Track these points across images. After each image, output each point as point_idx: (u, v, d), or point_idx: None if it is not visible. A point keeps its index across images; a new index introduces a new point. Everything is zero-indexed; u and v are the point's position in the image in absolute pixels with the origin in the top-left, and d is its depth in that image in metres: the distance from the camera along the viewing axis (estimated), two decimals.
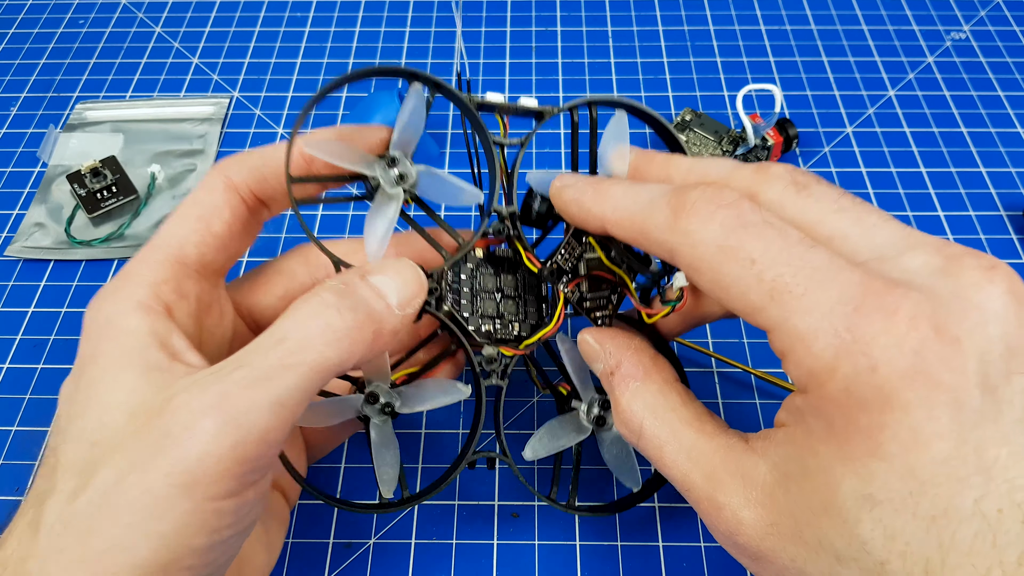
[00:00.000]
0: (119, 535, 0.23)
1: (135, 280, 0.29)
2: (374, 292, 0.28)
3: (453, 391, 0.33)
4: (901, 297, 0.21)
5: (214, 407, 0.24)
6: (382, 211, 0.31)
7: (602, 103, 0.33)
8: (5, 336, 0.46)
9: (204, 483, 0.24)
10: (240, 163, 0.31)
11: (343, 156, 0.30)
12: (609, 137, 0.33)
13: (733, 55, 0.61)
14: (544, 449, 0.33)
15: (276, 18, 0.65)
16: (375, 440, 0.33)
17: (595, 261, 0.33)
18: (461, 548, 0.37)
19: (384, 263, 0.29)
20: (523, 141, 0.33)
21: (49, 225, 0.51)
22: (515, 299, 0.35)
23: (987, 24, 0.62)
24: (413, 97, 0.31)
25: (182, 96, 0.59)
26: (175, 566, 0.24)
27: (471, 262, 0.34)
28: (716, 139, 0.53)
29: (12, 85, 0.60)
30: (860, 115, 0.56)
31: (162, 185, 0.53)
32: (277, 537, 0.34)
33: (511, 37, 0.63)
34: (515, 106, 0.32)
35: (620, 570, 0.37)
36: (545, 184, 0.33)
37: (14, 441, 0.41)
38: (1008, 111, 0.56)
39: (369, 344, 0.27)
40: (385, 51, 0.62)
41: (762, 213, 0.24)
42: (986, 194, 0.51)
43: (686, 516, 0.38)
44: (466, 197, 0.32)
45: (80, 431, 0.26)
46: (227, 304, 0.33)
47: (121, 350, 0.27)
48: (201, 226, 0.30)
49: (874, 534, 0.20)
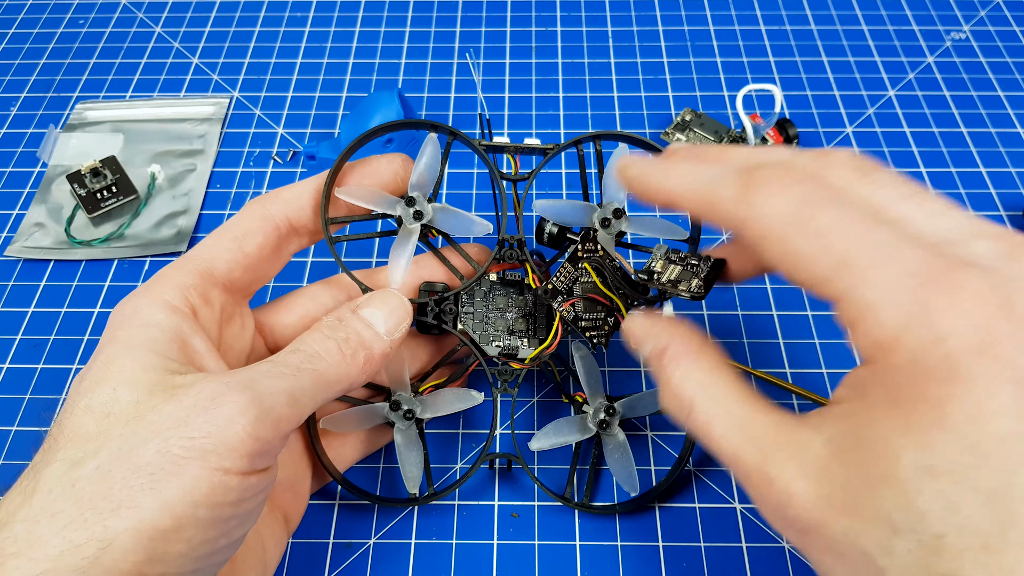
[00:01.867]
0: (127, 496, 0.24)
1: (165, 282, 0.31)
2: (363, 323, 0.32)
3: (468, 398, 0.37)
4: (967, 274, 0.21)
5: (242, 385, 0.26)
6: (403, 244, 0.36)
7: (605, 137, 0.37)
8: (5, 336, 0.46)
9: (221, 452, 0.25)
10: (276, 196, 0.35)
11: (370, 199, 0.36)
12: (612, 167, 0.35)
13: (733, 55, 0.61)
14: (548, 442, 0.37)
15: (276, 18, 0.65)
16: (400, 442, 0.37)
17: (590, 285, 0.36)
18: (461, 548, 0.37)
19: (372, 296, 0.34)
20: (529, 176, 0.37)
21: (49, 225, 0.51)
22: (526, 318, 0.38)
23: (987, 24, 0.62)
24: (430, 145, 0.36)
25: (182, 96, 0.59)
26: (175, 535, 0.24)
27: (485, 285, 0.39)
28: (716, 139, 0.53)
29: (12, 85, 0.60)
30: (860, 115, 0.56)
31: (162, 185, 0.53)
32: (272, 557, 0.34)
33: (511, 37, 0.63)
34: (520, 146, 0.37)
35: (620, 570, 0.37)
36: (551, 211, 0.37)
37: (14, 441, 0.41)
38: (1008, 111, 0.56)
39: (361, 367, 0.31)
40: (385, 51, 0.62)
41: (831, 190, 0.24)
42: (986, 194, 0.51)
43: (686, 516, 0.38)
44: (477, 228, 0.36)
45: (90, 404, 0.26)
46: (249, 320, 0.35)
47: (143, 337, 0.28)
48: (234, 245, 0.34)
49: (933, 506, 0.20)
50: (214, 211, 0.52)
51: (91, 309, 0.47)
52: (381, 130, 0.37)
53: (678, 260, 0.34)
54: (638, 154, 0.35)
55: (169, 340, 0.28)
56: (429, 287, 0.37)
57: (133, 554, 0.23)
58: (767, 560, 0.37)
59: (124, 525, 0.23)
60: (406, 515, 0.39)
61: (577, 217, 0.37)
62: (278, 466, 0.29)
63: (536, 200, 0.36)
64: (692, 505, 0.39)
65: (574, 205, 0.37)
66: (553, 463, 0.40)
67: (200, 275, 0.32)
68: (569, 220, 0.37)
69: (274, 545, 0.34)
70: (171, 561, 0.24)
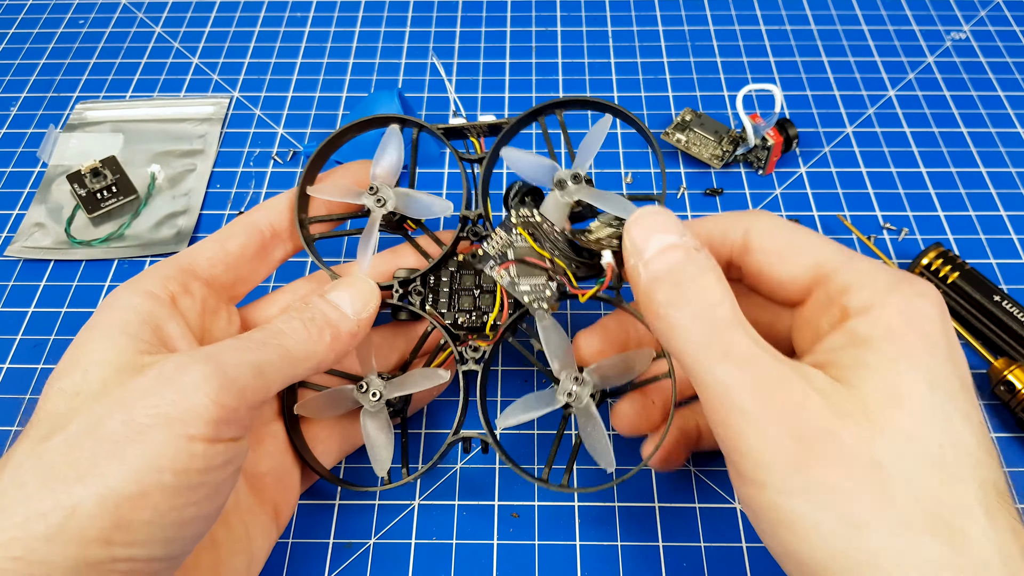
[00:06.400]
0: (92, 464, 0.24)
1: (147, 274, 0.33)
2: (329, 305, 0.33)
3: (434, 376, 0.36)
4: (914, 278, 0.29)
5: (206, 356, 0.28)
6: (369, 231, 0.37)
7: (566, 106, 0.38)
8: (5, 336, 0.46)
9: (185, 419, 0.26)
10: (259, 206, 0.38)
11: (337, 192, 0.38)
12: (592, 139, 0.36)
13: (733, 55, 0.61)
14: (515, 419, 0.35)
15: (276, 18, 0.65)
16: (368, 425, 0.36)
17: (524, 249, 0.35)
18: (461, 548, 0.37)
19: (339, 281, 0.35)
20: (488, 154, 0.38)
21: (49, 225, 0.51)
22: (492, 293, 0.38)
23: (987, 24, 0.62)
24: (393, 137, 0.38)
25: (182, 96, 0.59)
26: (142, 502, 0.24)
27: (452, 266, 0.38)
28: (716, 139, 0.53)
29: (12, 85, 0.60)
30: (860, 115, 0.56)
31: (162, 185, 0.53)
32: (260, 548, 0.34)
33: (511, 37, 0.63)
34: (474, 124, 0.38)
35: (620, 570, 0.37)
36: (515, 161, 0.36)
37: (14, 441, 0.41)
38: (1008, 111, 0.56)
39: (328, 345, 0.32)
40: (385, 51, 0.62)
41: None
42: (986, 194, 0.51)
43: (686, 516, 0.38)
44: (437, 208, 0.37)
45: (62, 386, 0.27)
46: (235, 316, 0.37)
47: (116, 321, 0.29)
48: (216, 244, 0.36)
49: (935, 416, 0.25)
50: (214, 211, 0.52)
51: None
52: (354, 129, 0.39)
53: (616, 224, 0.34)
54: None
55: (142, 323, 0.30)
56: (407, 273, 0.38)
57: (99, 520, 0.24)
58: (767, 560, 0.37)
59: (89, 492, 0.24)
60: (406, 515, 0.39)
61: (537, 173, 0.36)
62: (247, 444, 0.30)
63: (505, 148, 0.36)
64: (692, 505, 0.39)
65: (538, 160, 0.36)
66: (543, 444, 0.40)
67: (181, 268, 0.34)
68: (529, 174, 0.36)
69: (262, 536, 0.34)
70: (138, 529, 0.25)
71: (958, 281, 0.44)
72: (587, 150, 0.35)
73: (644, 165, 0.54)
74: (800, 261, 0.31)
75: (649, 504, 0.38)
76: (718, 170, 0.53)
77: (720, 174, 0.53)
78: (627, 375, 0.35)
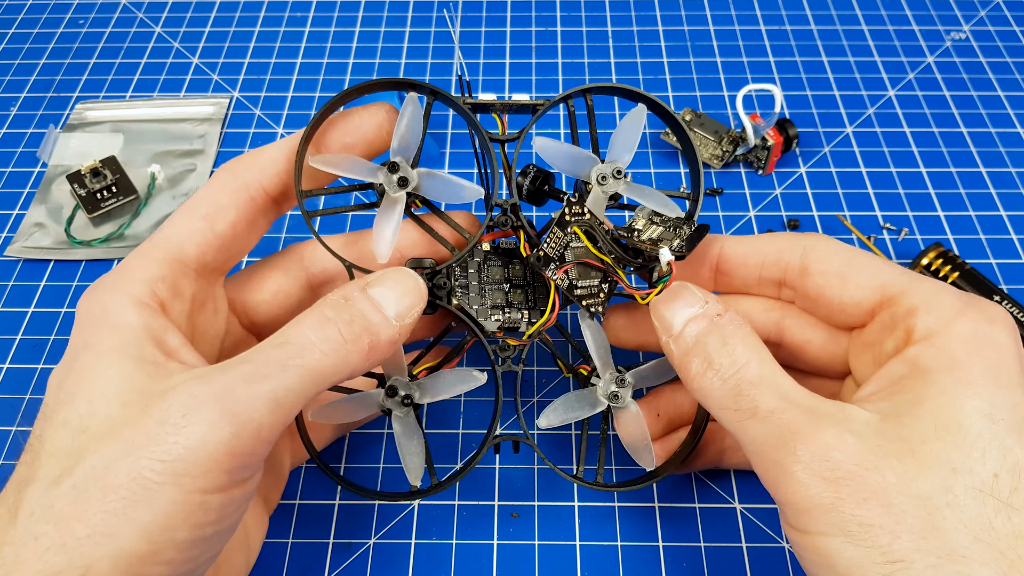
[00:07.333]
0: (101, 521, 0.23)
1: (132, 275, 0.29)
2: (372, 305, 0.29)
3: (469, 379, 0.33)
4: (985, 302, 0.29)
5: (215, 396, 0.25)
6: (388, 215, 0.33)
7: (595, 91, 0.35)
8: (5, 336, 0.46)
9: (195, 473, 0.24)
10: (250, 162, 0.32)
11: (349, 168, 0.32)
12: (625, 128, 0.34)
13: (733, 55, 0.61)
14: (558, 419, 0.34)
15: (276, 18, 0.65)
16: (399, 431, 0.34)
17: (582, 250, 0.34)
18: (461, 548, 0.37)
19: (385, 274, 0.30)
20: (520, 134, 0.34)
21: (49, 225, 0.51)
22: (524, 288, 0.36)
23: (987, 24, 0.62)
24: (410, 105, 0.32)
25: (182, 96, 0.59)
26: (154, 559, 0.24)
27: (478, 256, 0.35)
28: (716, 139, 0.53)
29: (12, 85, 0.60)
30: (860, 115, 0.56)
31: (162, 185, 0.53)
32: (256, 540, 0.34)
33: (511, 37, 0.63)
34: (507, 103, 0.34)
35: (620, 570, 0.37)
36: (551, 152, 0.33)
37: (14, 441, 0.41)
38: (1008, 111, 0.56)
39: (365, 355, 0.28)
40: (385, 51, 0.62)
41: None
42: (986, 194, 0.51)
43: (686, 516, 0.38)
44: (467, 194, 0.33)
45: (67, 418, 0.26)
46: (222, 302, 0.34)
47: (116, 342, 0.27)
48: (204, 225, 0.31)
49: (991, 448, 0.25)
50: None
51: None
52: (357, 91, 0.33)
53: (660, 222, 0.33)
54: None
55: (142, 342, 0.27)
56: (416, 264, 0.34)
57: None
58: (767, 560, 0.37)
59: (101, 552, 0.23)
60: (406, 515, 0.39)
61: (573, 165, 0.34)
62: (262, 468, 0.28)
63: (536, 137, 0.33)
64: (692, 505, 0.39)
65: (576, 152, 0.34)
66: (557, 443, 0.40)
67: (169, 264, 0.30)
68: (563, 166, 0.34)
69: (256, 529, 0.34)
70: None
71: (958, 281, 0.44)
72: (625, 143, 0.34)
73: (644, 165, 0.54)
74: (863, 283, 0.31)
75: (649, 504, 0.38)
76: (718, 170, 0.53)
77: (720, 174, 0.53)
78: (663, 377, 0.36)
